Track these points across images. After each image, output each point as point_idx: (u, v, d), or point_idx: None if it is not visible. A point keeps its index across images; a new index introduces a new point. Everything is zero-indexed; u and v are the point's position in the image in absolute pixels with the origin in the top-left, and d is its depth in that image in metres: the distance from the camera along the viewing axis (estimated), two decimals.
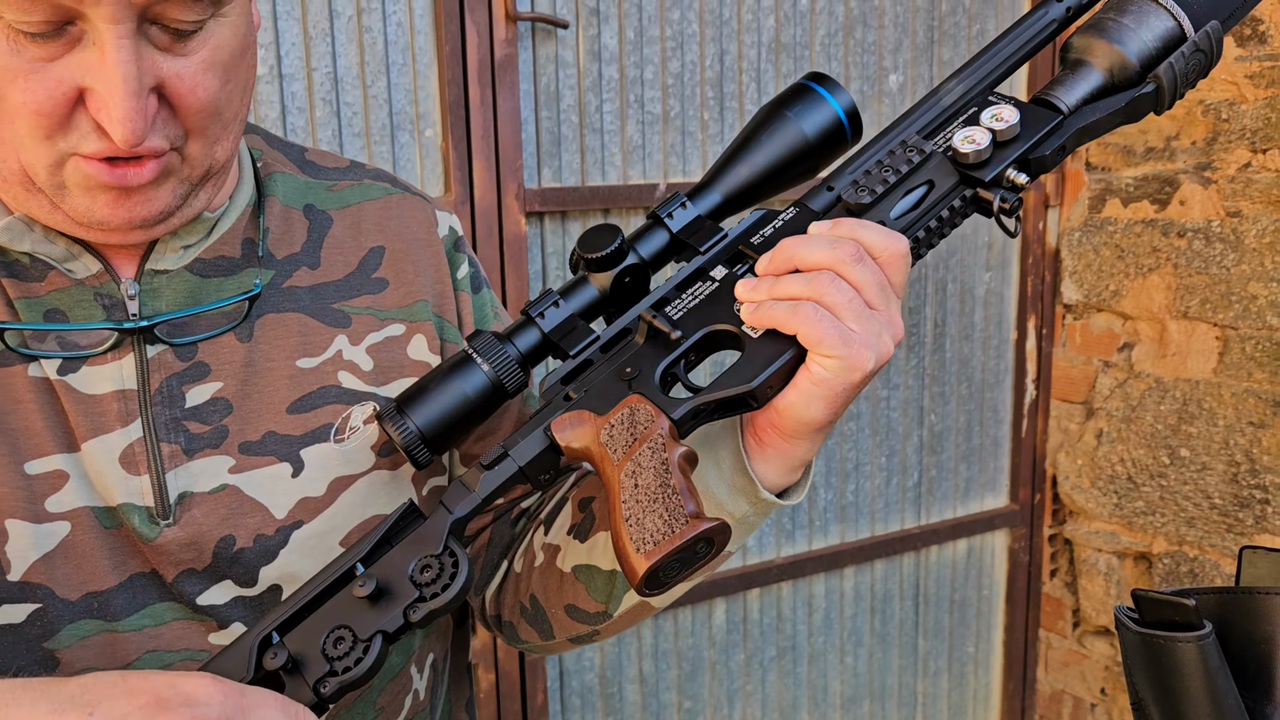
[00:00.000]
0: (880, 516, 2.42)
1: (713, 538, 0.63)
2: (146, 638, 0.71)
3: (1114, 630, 2.43)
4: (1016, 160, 0.70)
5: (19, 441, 0.68)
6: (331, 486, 0.75)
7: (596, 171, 1.97)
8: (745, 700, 2.34)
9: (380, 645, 0.63)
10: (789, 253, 0.67)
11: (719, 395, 0.66)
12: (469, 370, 0.70)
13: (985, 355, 2.49)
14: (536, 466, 0.69)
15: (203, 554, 0.71)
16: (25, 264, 0.70)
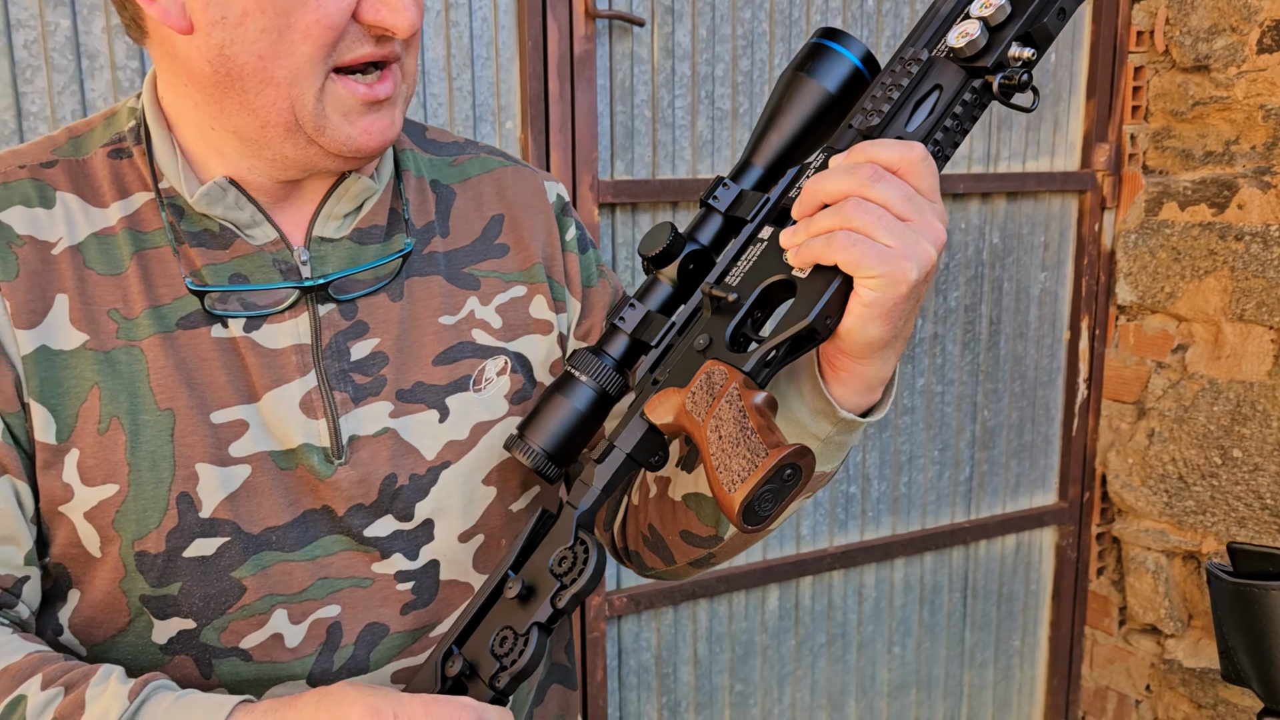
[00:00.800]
0: (931, 509, 2.47)
1: (795, 462, 0.66)
2: (318, 566, 0.79)
3: (1161, 629, 2.46)
4: (1016, 37, 0.71)
5: (205, 395, 0.76)
6: (473, 431, 0.83)
7: (667, 165, 2.03)
8: (795, 685, 2.39)
9: (538, 636, 0.70)
10: (814, 190, 0.69)
11: (781, 338, 0.69)
12: (574, 387, 0.77)
13: (1039, 353, 2.53)
14: (643, 450, 0.75)
15: (370, 491, 0.79)
16: (215, 232, 0.79)
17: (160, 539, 0.75)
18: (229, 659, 0.78)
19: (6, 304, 0.75)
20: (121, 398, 0.75)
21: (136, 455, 0.74)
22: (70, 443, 0.74)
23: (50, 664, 0.70)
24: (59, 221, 0.77)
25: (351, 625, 0.79)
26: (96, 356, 0.75)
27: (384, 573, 0.80)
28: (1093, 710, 2.71)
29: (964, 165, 2.32)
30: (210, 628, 0.77)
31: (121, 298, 0.77)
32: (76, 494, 0.74)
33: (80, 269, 0.77)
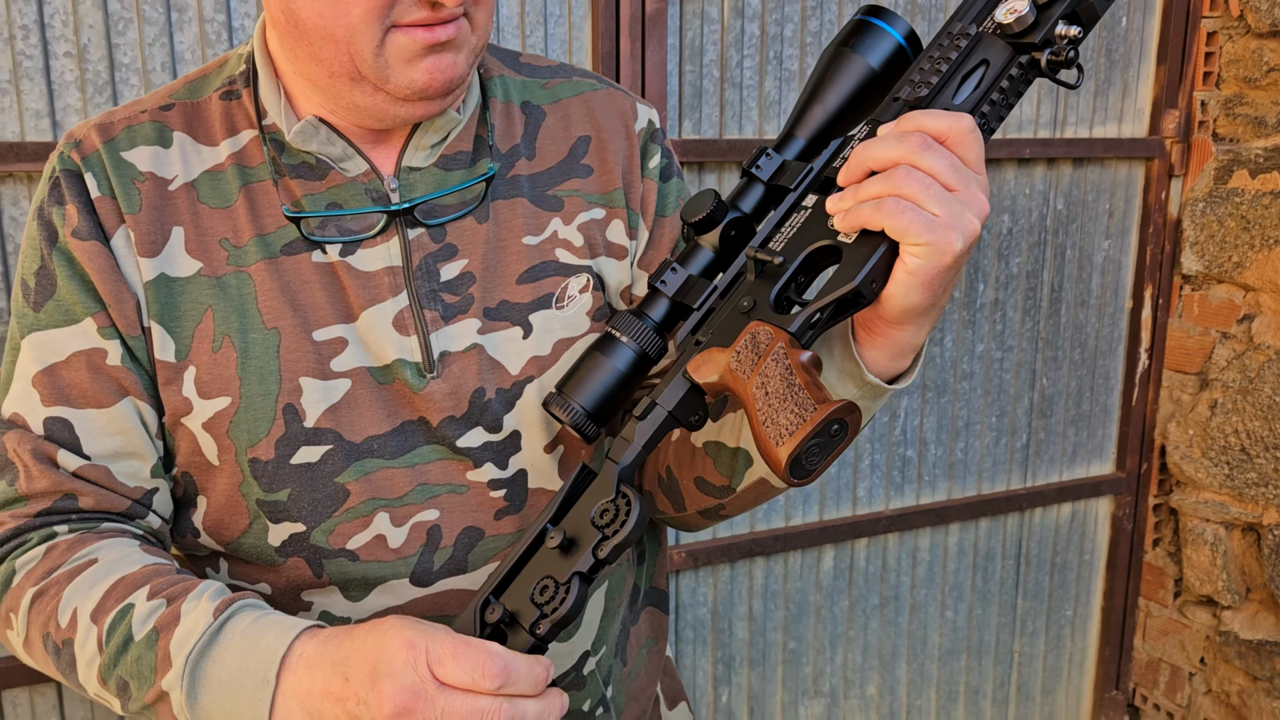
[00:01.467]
0: (988, 475, 2.47)
1: (843, 418, 0.67)
2: (417, 473, 0.83)
3: (1218, 601, 2.45)
4: (1064, 15, 0.71)
5: (308, 314, 0.82)
6: (555, 347, 0.87)
7: (734, 125, 2.05)
8: (847, 645, 2.42)
9: (579, 585, 0.70)
10: (862, 157, 0.70)
11: (827, 299, 0.70)
12: (615, 347, 0.78)
13: (1100, 322, 2.52)
14: (684, 409, 0.76)
15: (460, 403, 0.83)
16: (311, 164, 0.84)
17: (270, 446, 0.80)
18: (337, 559, 0.83)
19: (131, 234, 0.81)
20: (232, 318, 0.81)
21: (246, 370, 0.80)
22: (188, 361, 0.81)
23: (161, 576, 0.76)
24: (175, 160, 0.84)
25: (450, 528, 0.84)
26: (209, 282, 0.81)
27: (477, 480, 0.84)
28: (1144, 682, 2.71)
29: (1030, 130, 2.31)
30: (319, 530, 0.82)
31: (231, 228, 0.82)
32: (195, 407, 0.80)
33: (194, 204, 0.83)
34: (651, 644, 1.03)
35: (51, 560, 0.78)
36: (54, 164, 0.83)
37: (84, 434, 0.80)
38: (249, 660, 0.69)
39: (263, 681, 0.67)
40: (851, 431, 0.68)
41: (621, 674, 0.98)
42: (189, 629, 0.70)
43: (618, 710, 0.97)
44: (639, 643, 1.01)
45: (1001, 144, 2.26)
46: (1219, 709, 2.50)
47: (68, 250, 0.81)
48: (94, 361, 0.80)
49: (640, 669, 1.01)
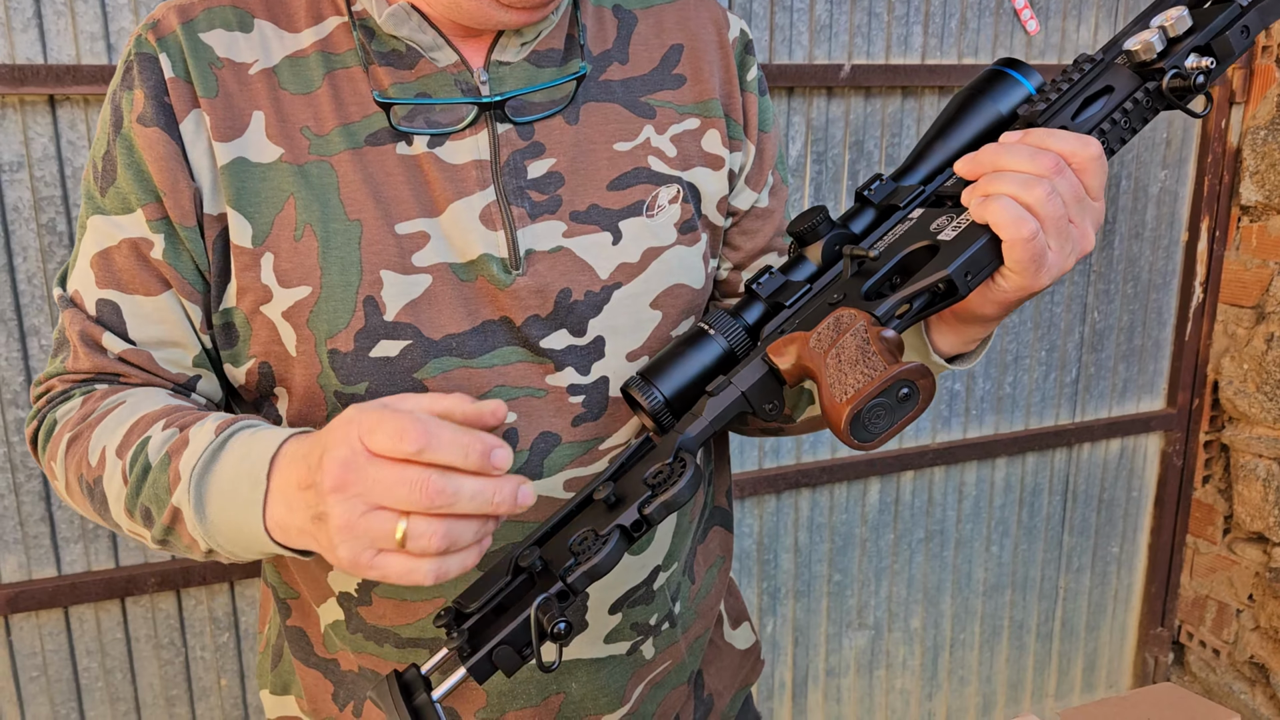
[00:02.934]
0: (1036, 410, 2.45)
1: (913, 379, 0.65)
2: (496, 374, 0.83)
3: (1268, 537, 2.42)
4: (1196, 47, 0.71)
5: (390, 207, 0.81)
6: (644, 255, 0.86)
7: (784, 49, 2.01)
8: (892, 579, 2.42)
9: (618, 538, 0.68)
10: (990, 158, 0.70)
11: (919, 285, 0.69)
12: (705, 342, 0.77)
13: (1154, 255, 2.47)
14: (758, 392, 0.73)
15: (546, 302, 0.83)
16: (401, 52, 0.82)
17: (349, 338, 0.80)
18: None
19: (207, 118, 0.80)
20: (314, 207, 0.80)
21: (328, 260, 0.79)
22: (265, 246, 0.80)
23: (178, 410, 0.78)
24: (255, 45, 0.82)
25: (526, 432, 0.83)
26: (292, 169, 0.80)
27: (557, 385, 0.84)
28: (1190, 619, 2.70)
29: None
30: None
31: (313, 116, 0.81)
32: (275, 295, 0.80)
33: (275, 89, 0.81)
34: (720, 562, 1.03)
35: (86, 408, 0.82)
36: (130, 47, 0.82)
37: (130, 318, 0.83)
38: (243, 466, 0.70)
39: (255, 483, 0.69)
40: (923, 398, 0.66)
41: (690, 591, 0.98)
42: (195, 449, 0.73)
43: (684, 626, 0.97)
44: (707, 560, 1.01)
45: (1056, 70, 2.21)
46: (1266, 644, 2.49)
47: (130, 137, 0.81)
48: (141, 251, 0.82)
49: (709, 587, 1.01)
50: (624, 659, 0.92)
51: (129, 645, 1.83)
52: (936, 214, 0.74)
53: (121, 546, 1.78)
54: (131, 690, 1.85)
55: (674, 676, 0.97)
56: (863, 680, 2.46)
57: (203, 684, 1.89)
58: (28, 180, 1.61)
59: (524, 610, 0.67)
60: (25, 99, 1.59)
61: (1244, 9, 0.71)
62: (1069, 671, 2.70)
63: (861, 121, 2.13)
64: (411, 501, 0.60)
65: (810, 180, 2.11)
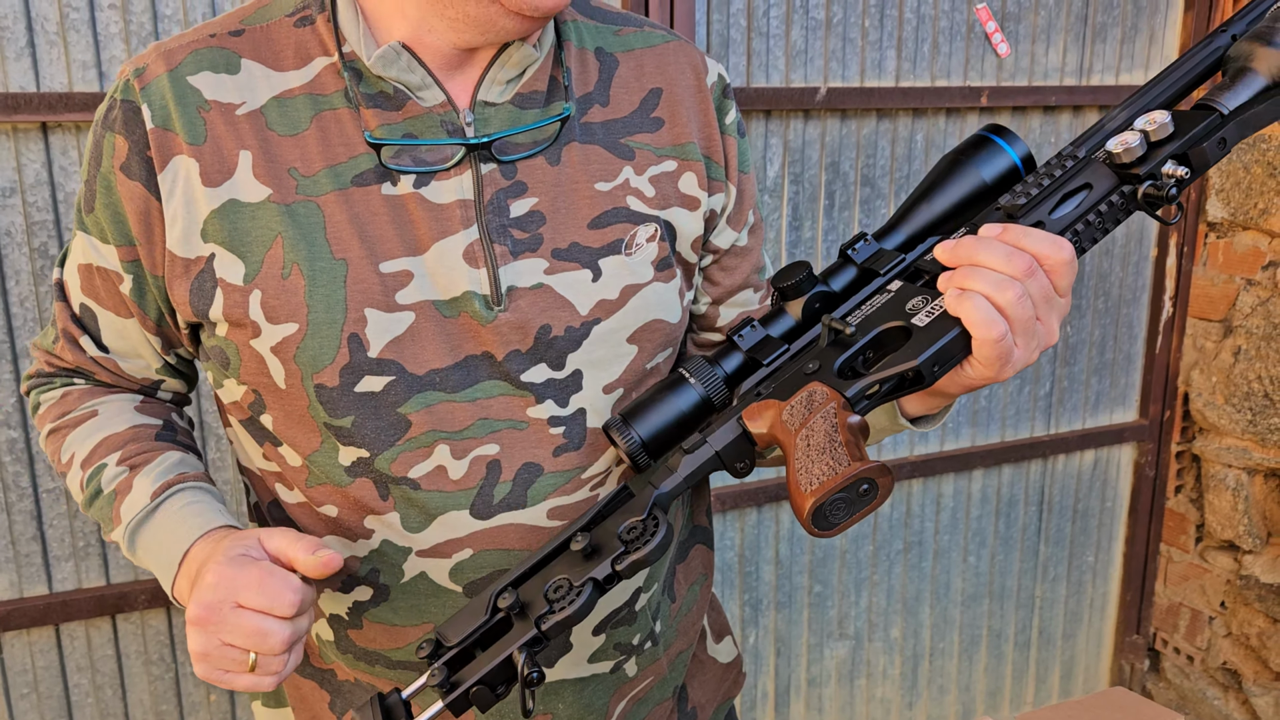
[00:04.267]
0: (1011, 423, 2.50)
1: (874, 478, 0.69)
2: (478, 407, 0.85)
3: (1239, 545, 2.48)
4: (1174, 155, 0.73)
5: (375, 246, 0.83)
6: (623, 292, 0.88)
7: (761, 74, 2.06)
8: (871, 589, 2.47)
9: (591, 590, 0.73)
10: (969, 251, 0.73)
11: (888, 373, 0.73)
12: (683, 389, 0.82)
13: (1124, 271, 2.53)
14: (731, 452, 0.78)
15: (527, 337, 0.85)
16: (389, 94, 0.84)
17: (334, 374, 0.83)
18: (401, 485, 0.85)
19: (196, 164, 0.82)
20: (301, 246, 0.82)
21: (314, 298, 0.82)
22: (254, 284, 0.82)
23: (138, 441, 0.91)
24: (243, 86, 0.84)
25: (509, 463, 0.86)
26: (279, 209, 0.82)
27: (538, 417, 0.86)
28: (1165, 626, 2.75)
29: (1056, 77, 2.32)
30: (382, 457, 0.85)
31: (300, 156, 0.83)
32: (264, 330, 0.83)
33: (262, 130, 0.83)
34: (702, 580, 1.06)
35: (65, 405, 0.95)
36: (117, 90, 0.84)
37: (104, 328, 0.92)
38: (164, 548, 0.86)
39: (169, 566, 0.85)
40: (881, 495, 0.70)
41: (671, 610, 1.00)
42: (133, 503, 0.88)
43: (666, 644, 0.99)
44: (688, 579, 1.03)
45: (1027, 91, 2.27)
46: (1239, 651, 2.54)
47: (111, 181, 0.83)
48: (112, 281, 0.89)
49: (690, 605, 1.03)
50: (607, 677, 0.94)
51: (119, 662, 1.85)
52: (913, 292, 0.77)
53: (113, 564, 1.81)
54: (122, 706, 1.87)
55: (656, 692, 1.00)
56: (844, 689, 2.50)
57: (192, 700, 1.91)
58: (20, 205, 1.65)
59: (500, 651, 0.73)
60: (18, 126, 1.62)
61: (1223, 120, 0.74)
62: (1046, 679, 2.74)
63: (837, 143, 2.18)
64: (263, 647, 0.76)
65: (788, 200, 2.16)
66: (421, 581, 0.87)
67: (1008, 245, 0.72)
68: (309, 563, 0.78)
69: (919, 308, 0.76)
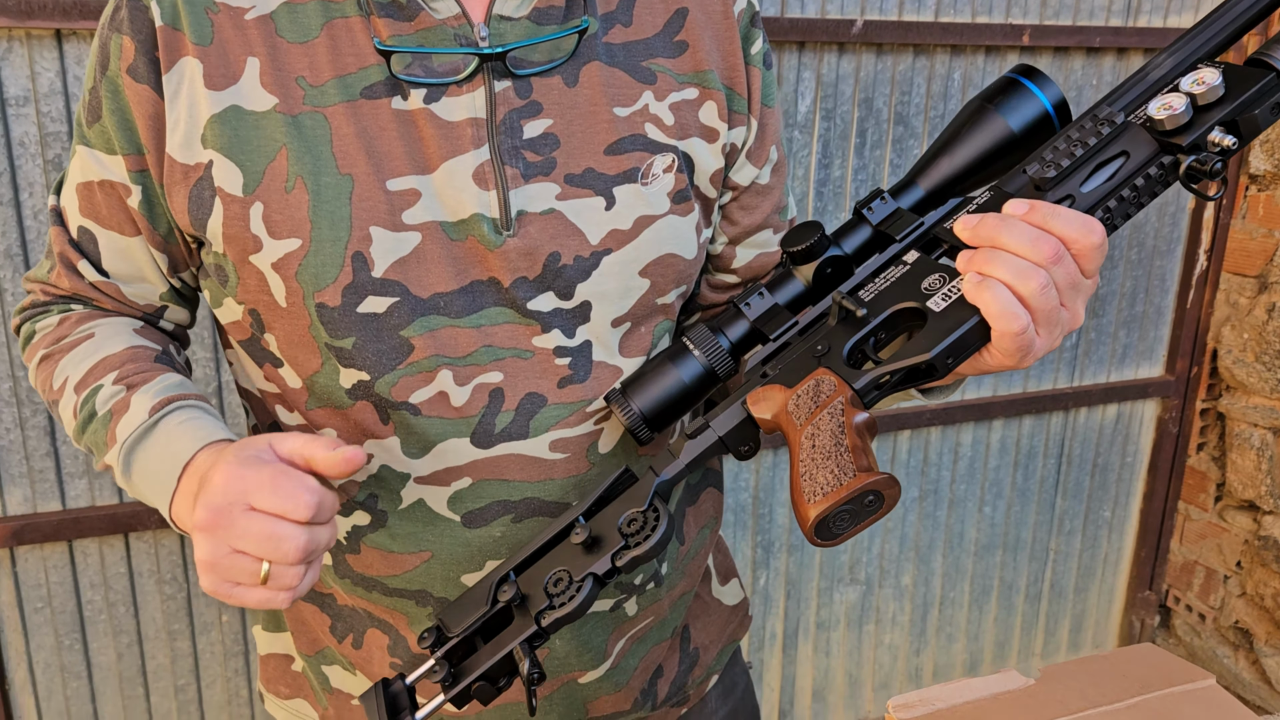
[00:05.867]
0: (1034, 373, 2.46)
1: (880, 490, 0.66)
2: (482, 334, 0.82)
3: (1259, 506, 2.45)
4: (1222, 122, 0.67)
5: (383, 163, 0.80)
6: (637, 223, 0.85)
7: (795, 3, 1.99)
8: (885, 536, 2.45)
9: (591, 585, 0.72)
10: (990, 231, 0.68)
11: (898, 365, 0.69)
12: (685, 359, 0.78)
13: (1159, 222, 2.47)
14: (735, 437, 0.75)
15: (535, 264, 0.82)
16: (401, 4, 0.80)
17: (336, 293, 0.79)
18: (401, 410, 0.83)
19: (200, 65, 0.79)
20: (306, 159, 0.79)
21: (318, 214, 0.79)
22: (255, 196, 0.79)
23: (134, 362, 0.85)
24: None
25: (512, 393, 0.84)
26: (285, 119, 0.79)
27: (543, 347, 0.84)
28: (1178, 584, 2.73)
29: (1101, 17, 2.23)
30: (382, 381, 0.82)
31: (309, 65, 0.80)
32: (265, 245, 0.80)
33: (271, 36, 0.80)
34: (711, 524, 1.04)
35: (61, 330, 0.89)
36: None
37: (105, 250, 0.87)
38: (164, 462, 0.79)
39: (167, 481, 0.78)
40: (887, 505, 0.67)
41: (679, 552, 0.99)
42: (130, 421, 0.81)
43: (669, 585, 0.98)
44: (698, 522, 1.02)
45: (1071, 31, 2.19)
46: (1252, 611, 2.53)
47: (118, 84, 0.80)
48: (119, 194, 0.84)
49: (698, 548, 1.02)
50: (606, 615, 0.93)
51: (132, 580, 1.86)
52: (929, 268, 0.73)
53: None
54: (134, 624, 1.88)
55: (656, 632, 0.99)
56: (852, 634, 2.50)
57: (204, 619, 1.92)
58: (34, 115, 1.61)
59: (501, 646, 0.74)
60: (32, 33, 1.58)
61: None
62: (1055, 632, 2.74)
63: (872, 79, 2.11)
64: (278, 555, 0.70)
65: (819, 137, 2.10)
66: (419, 509, 0.86)
67: (1033, 227, 0.67)
68: (329, 459, 0.72)
69: (935, 288, 0.71)
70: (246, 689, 1.98)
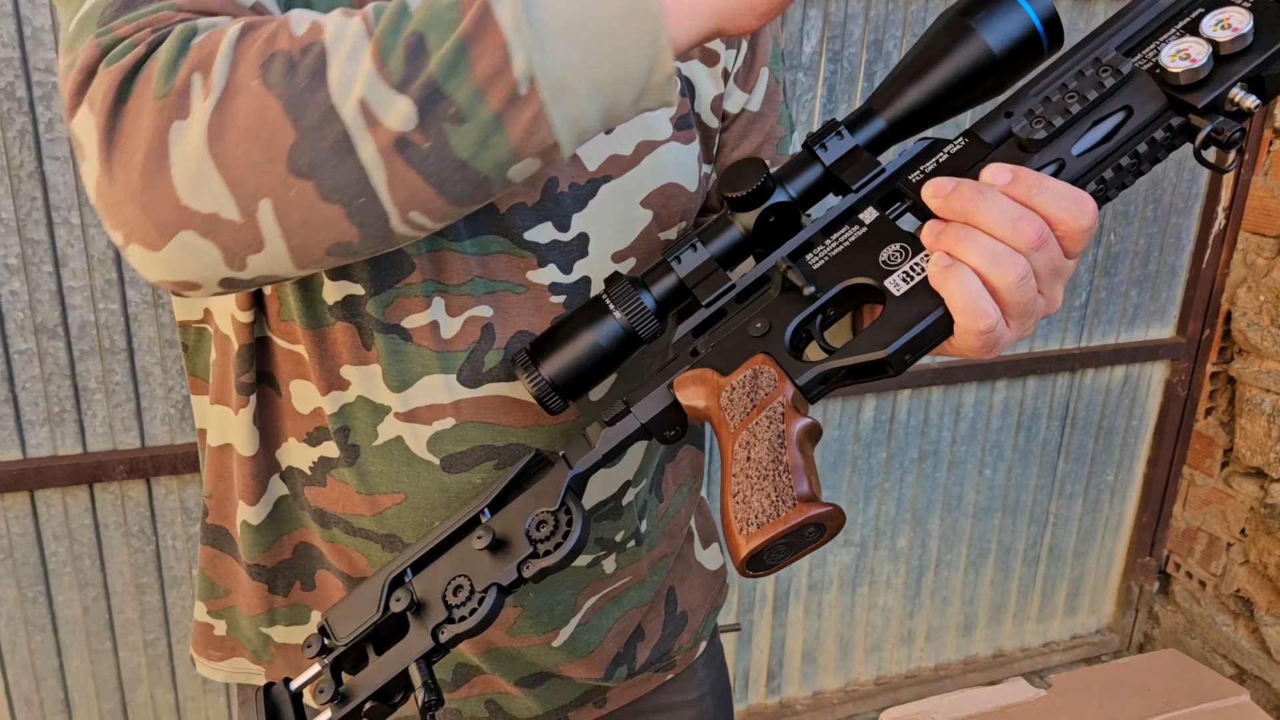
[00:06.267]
0: (1040, 332, 2.38)
1: (823, 523, 0.58)
2: (476, 263, 0.75)
3: (1267, 473, 2.38)
4: (1245, 78, 0.56)
5: None
6: (638, 149, 0.78)
7: None
8: (881, 497, 2.38)
9: (495, 597, 0.64)
10: (965, 204, 0.58)
11: (848, 361, 0.60)
12: (603, 319, 0.68)
13: (1177, 178, 2.36)
14: (660, 423, 0.67)
15: (533, 190, 0.75)
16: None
17: None
18: (390, 335, 0.76)
19: None
20: None
21: None
22: None
23: None
24: None
25: (503, 329, 0.77)
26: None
27: (538, 282, 0.77)
28: (1179, 550, 2.67)
29: None
30: (376, 299, 0.75)
31: None
32: None
33: None
34: (690, 482, 0.98)
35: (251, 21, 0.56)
36: None
37: None
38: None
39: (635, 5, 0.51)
40: (829, 534, 0.59)
41: (658, 510, 0.94)
42: None
43: (650, 545, 0.93)
44: (676, 480, 0.96)
45: None
46: (1254, 579, 2.47)
47: None
48: None
49: (678, 507, 0.97)
50: (581, 571, 0.87)
51: (98, 532, 1.79)
52: (890, 235, 0.62)
53: (90, 433, 1.73)
54: (100, 576, 1.82)
55: (634, 594, 0.93)
56: (845, 596, 2.45)
57: (174, 573, 1.86)
58: None
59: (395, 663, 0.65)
60: None
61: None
62: (1052, 596, 2.69)
63: (883, 19, 2.00)
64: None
65: (824, 80, 1.99)
66: (396, 447, 0.78)
67: (1016, 203, 0.57)
68: None
69: (896, 263, 0.61)
70: None
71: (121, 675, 1.88)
